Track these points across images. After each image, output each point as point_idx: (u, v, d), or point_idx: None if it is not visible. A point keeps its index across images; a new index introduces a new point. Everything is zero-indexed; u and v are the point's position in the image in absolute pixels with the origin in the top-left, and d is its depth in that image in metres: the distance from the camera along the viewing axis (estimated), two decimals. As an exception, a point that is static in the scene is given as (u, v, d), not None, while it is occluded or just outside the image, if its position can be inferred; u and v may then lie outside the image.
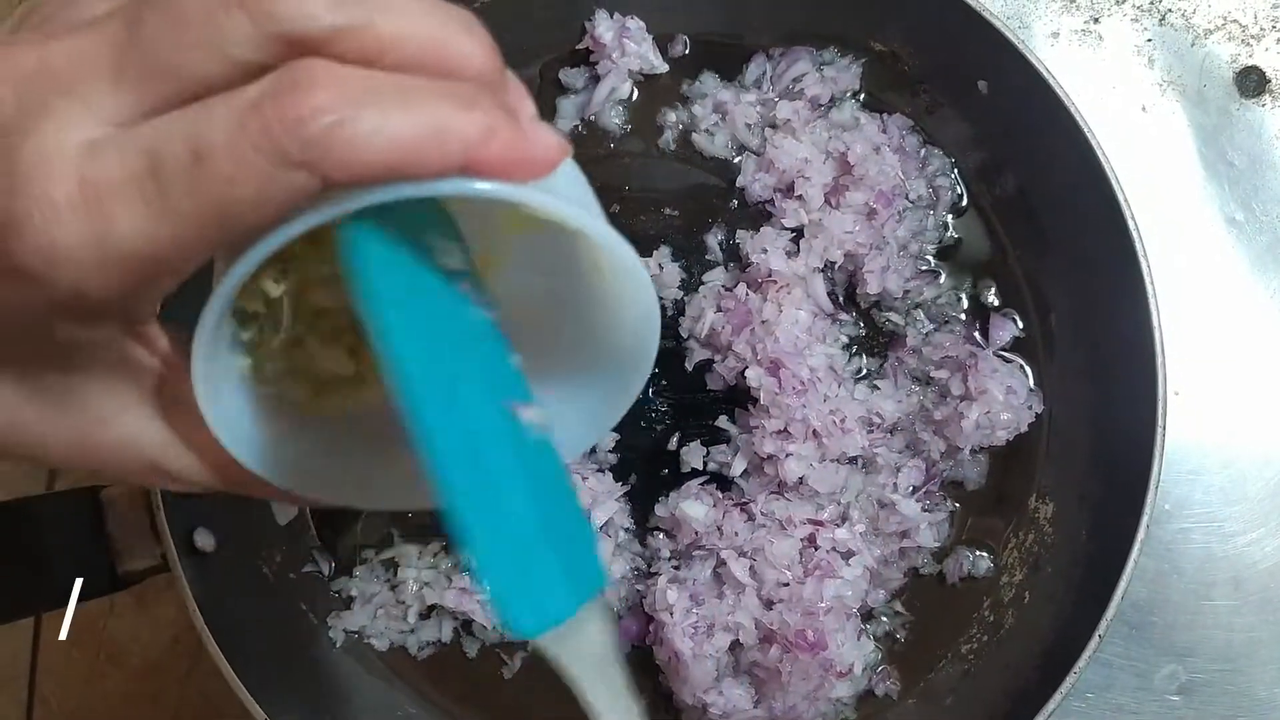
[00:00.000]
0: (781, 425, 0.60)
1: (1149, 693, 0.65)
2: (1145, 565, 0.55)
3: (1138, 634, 0.65)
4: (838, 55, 0.65)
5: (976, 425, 0.60)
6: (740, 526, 0.60)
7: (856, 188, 0.62)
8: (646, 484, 0.63)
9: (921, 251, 0.64)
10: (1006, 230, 0.64)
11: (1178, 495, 0.66)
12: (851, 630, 0.58)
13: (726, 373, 0.62)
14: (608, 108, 0.66)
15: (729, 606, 0.59)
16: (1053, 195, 0.62)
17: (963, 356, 0.61)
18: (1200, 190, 0.69)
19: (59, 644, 0.70)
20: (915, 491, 0.62)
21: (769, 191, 0.64)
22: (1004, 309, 0.64)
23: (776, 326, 0.60)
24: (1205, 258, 0.69)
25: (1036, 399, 0.62)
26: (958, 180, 0.65)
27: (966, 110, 0.64)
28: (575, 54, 0.67)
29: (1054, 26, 0.71)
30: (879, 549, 0.61)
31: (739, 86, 0.66)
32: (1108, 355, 0.60)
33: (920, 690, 0.61)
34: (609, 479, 0.62)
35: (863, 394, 0.62)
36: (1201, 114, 0.70)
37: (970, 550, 0.62)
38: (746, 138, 0.66)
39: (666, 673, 0.60)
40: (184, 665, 0.69)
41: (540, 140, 0.28)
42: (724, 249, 0.65)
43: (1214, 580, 0.66)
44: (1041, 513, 0.62)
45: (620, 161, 0.67)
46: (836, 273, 0.64)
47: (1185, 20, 0.71)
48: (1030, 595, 0.61)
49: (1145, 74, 0.71)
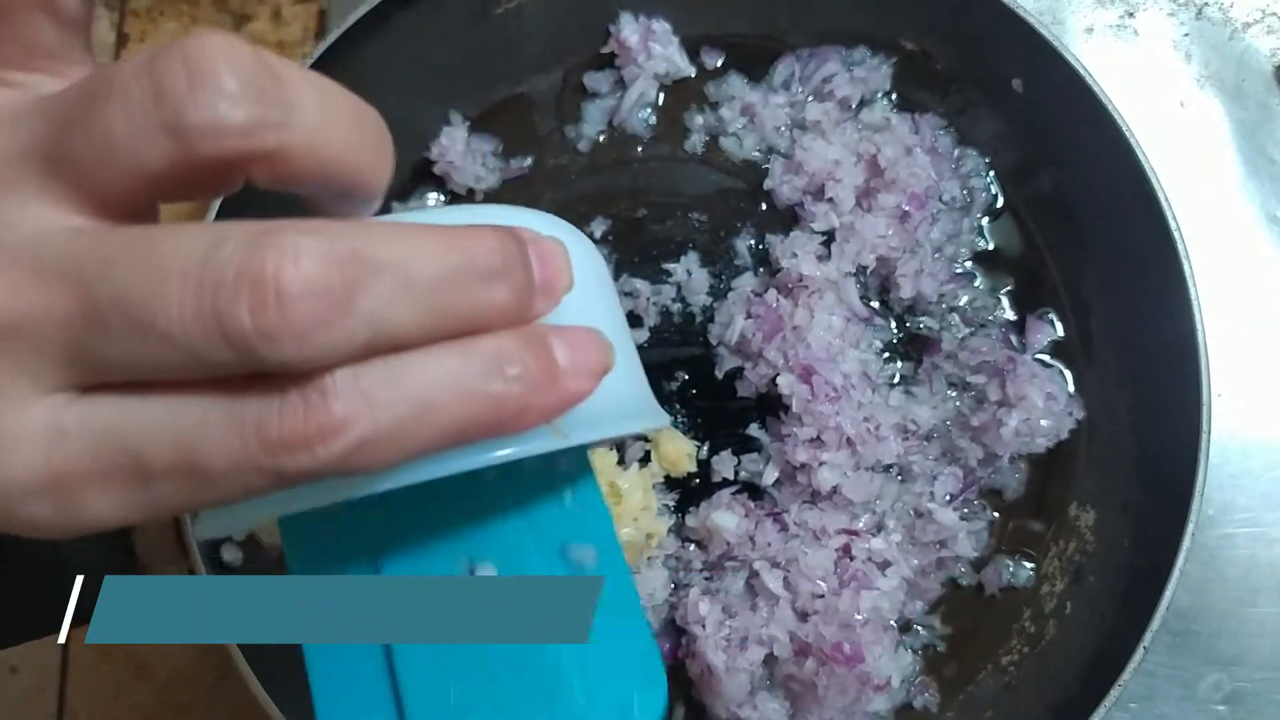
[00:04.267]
0: (814, 433, 0.59)
1: (1193, 703, 0.63)
2: (1189, 572, 0.54)
3: (1181, 642, 0.64)
4: (868, 55, 0.64)
5: (1016, 433, 0.58)
6: (773, 537, 0.59)
7: (888, 190, 0.61)
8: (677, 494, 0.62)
9: (956, 254, 0.63)
10: (1043, 231, 0.63)
11: (1221, 500, 0.65)
12: (889, 642, 0.57)
13: (757, 380, 0.61)
14: (634, 112, 0.65)
15: (762, 619, 0.58)
16: (1090, 194, 0.61)
17: (1000, 361, 0.60)
18: (1240, 187, 0.68)
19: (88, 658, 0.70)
20: (952, 500, 0.60)
21: (798, 194, 0.63)
22: (1042, 312, 0.62)
23: (808, 332, 0.59)
24: (1246, 256, 0.67)
25: (1077, 405, 0.60)
26: (992, 181, 0.64)
27: (1000, 109, 0.63)
28: (600, 57, 0.66)
29: (1088, 22, 0.70)
30: (916, 559, 0.59)
31: (767, 88, 0.65)
32: (1149, 358, 0.59)
33: (960, 703, 0.60)
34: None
35: (897, 400, 0.61)
36: (1240, 109, 0.69)
37: (1010, 560, 0.61)
38: (775, 140, 0.65)
39: (699, 687, 0.59)
40: (212, 677, 0.69)
41: (578, 371, 0.26)
42: (753, 254, 0.64)
43: (1259, 587, 0.64)
44: (1082, 520, 0.61)
45: (647, 166, 0.66)
46: (869, 277, 0.63)
47: (1223, 13, 0.69)
48: (1072, 605, 0.60)
49: (1183, 69, 0.69)
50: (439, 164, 0.64)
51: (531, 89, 0.67)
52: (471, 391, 0.24)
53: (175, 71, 0.22)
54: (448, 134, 0.65)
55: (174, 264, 0.22)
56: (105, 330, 0.23)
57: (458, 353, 0.24)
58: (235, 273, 0.22)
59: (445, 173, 0.65)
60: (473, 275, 0.24)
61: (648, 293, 0.63)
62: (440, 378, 0.24)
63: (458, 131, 0.65)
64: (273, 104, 0.23)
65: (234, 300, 0.22)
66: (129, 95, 0.23)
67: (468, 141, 0.65)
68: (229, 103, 0.22)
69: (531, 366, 0.25)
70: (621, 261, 0.64)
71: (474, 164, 0.65)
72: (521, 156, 0.66)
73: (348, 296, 0.22)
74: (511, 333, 0.25)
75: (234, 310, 0.22)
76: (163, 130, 0.22)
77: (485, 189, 0.65)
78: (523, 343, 0.25)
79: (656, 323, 0.64)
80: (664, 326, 0.64)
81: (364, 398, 0.23)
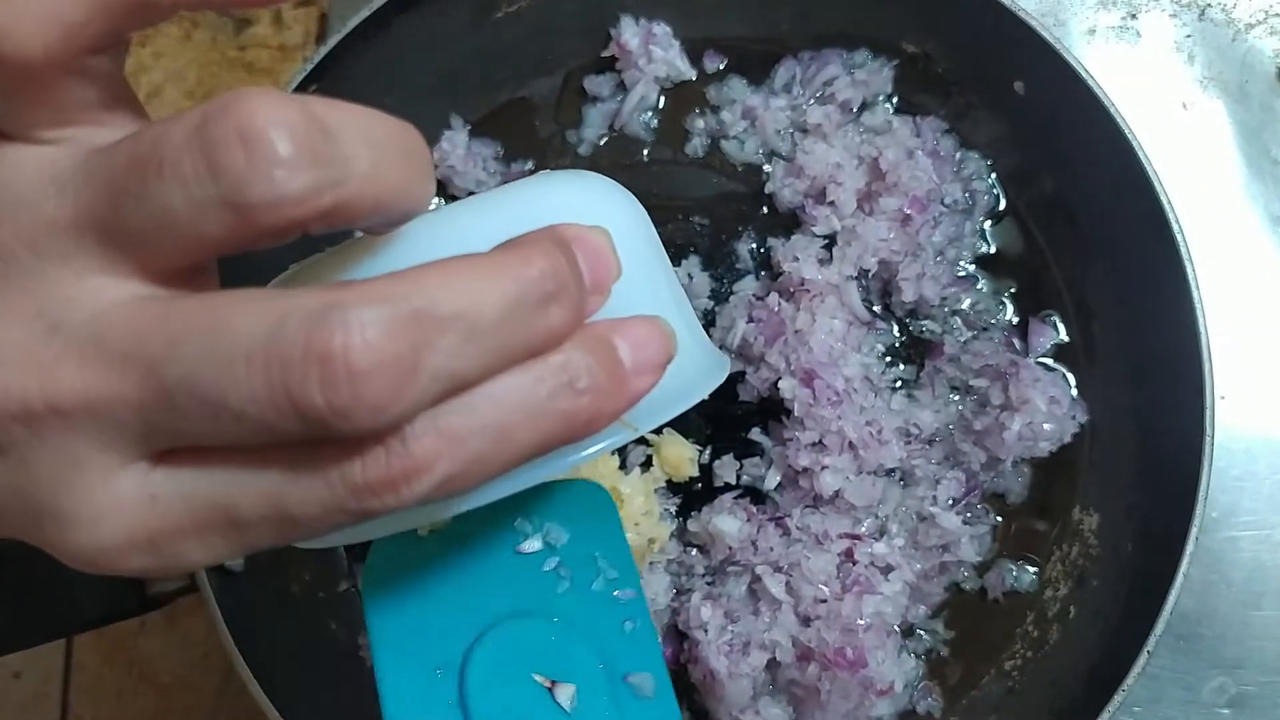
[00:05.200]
0: (816, 437, 0.59)
1: (1198, 706, 0.63)
2: (1192, 575, 0.54)
3: (1185, 646, 0.63)
4: (869, 58, 0.64)
5: (1019, 436, 0.58)
6: (775, 541, 0.59)
7: (890, 193, 0.61)
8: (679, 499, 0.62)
9: (958, 257, 0.63)
10: (1045, 234, 0.63)
11: (1225, 503, 0.64)
12: (892, 647, 0.57)
13: (759, 384, 0.61)
14: (635, 115, 0.65)
15: (765, 624, 0.58)
16: (1093, 197, 0.61)
17: (1003, 365, 0.60)
18: (1243, 189, 0.68)
19: (91, 662, 0.70)
20: (955, 504, 0.60)
21: (800, 198, 0.63)
22: (1044, 315, 0.62)
23: (810, 336, 0.59)
24: (1249, 257, 0.67)
25: (1080, 409, 0.60)
26: (994, 183, 0.64)
27: (1002, 111, 0.62)
28: (601, 61, 0.66)
29: (1090, 23, 0.69)
30: (919, 563, 0.59)
31: (768, 91, 0.65)
32: (1152, 360, 0.58)
33: (963, 708, 0.60)
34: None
35: (900, 404, 0.61)
36: (1243, 110, 0.68)
37: (1013, 564, 0.61)
38: (776, 143, 0.64)
39: (702, 691, 0.59)
40: (215, 682, 0.69)
41: (643, 368, 0.27)
42: (754, 257, 0.64)
43: (1264, 590, 0.64)
44: (1086, 524, 0.60)
45: (648, 169, 0.66)
46: (871, 280, 0.62)
47: (1226, 15, 0.69)
48: (1075, 610, 0.59)
49: (1185, 70, 0.69)
50: (440, 168, 0.64)
51: (532, 92, 0.67)
52: (545, 412, 0.25)
53: (230, 143, 0.22)
54: (449, 138, 0.64)
55: (239, 345, 0.22)
56: (178, 411, 0.23)
57: (527, 376, 0.25)
58: (303, 352, 0.22)
59: (446, 177, 0.64)
60: (531, 306, 0.25)
61: (649, 296, 0.63)
62: (513, 404, 0.25)
63: (458, 135, 0.65)
64: (327, 164, 0.23)
65: (304, 380, 0.22)
66: (182, 170, 0.23)
67: (468, 145, 0.65)
68: (286, 171, 0.22)
69: (599, 375, 0.26)
70: (623, 265, 0.64)
71: (475, 168, 0.65)
72: (522, 160, 0.66)
73: (416, 361, 0.23)
74: (574, 344, 0.26)
75: (305, 389, 0.22)
76: (222, 206, 0.23)
77: (486, 193, 0.65)
78: (587, 352, 0.26)
79: (658, 326, 0.63)
80: (666, 330, 0.64)
81: (442, 438, 0.24)
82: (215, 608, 0.55)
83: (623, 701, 0.38)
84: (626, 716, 0.38)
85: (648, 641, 0.39)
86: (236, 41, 0.76)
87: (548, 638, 0.39)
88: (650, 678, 0.39)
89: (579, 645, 0.39)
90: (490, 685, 0.37)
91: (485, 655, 0.37)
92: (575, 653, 0.38)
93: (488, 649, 0.38)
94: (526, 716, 0.37)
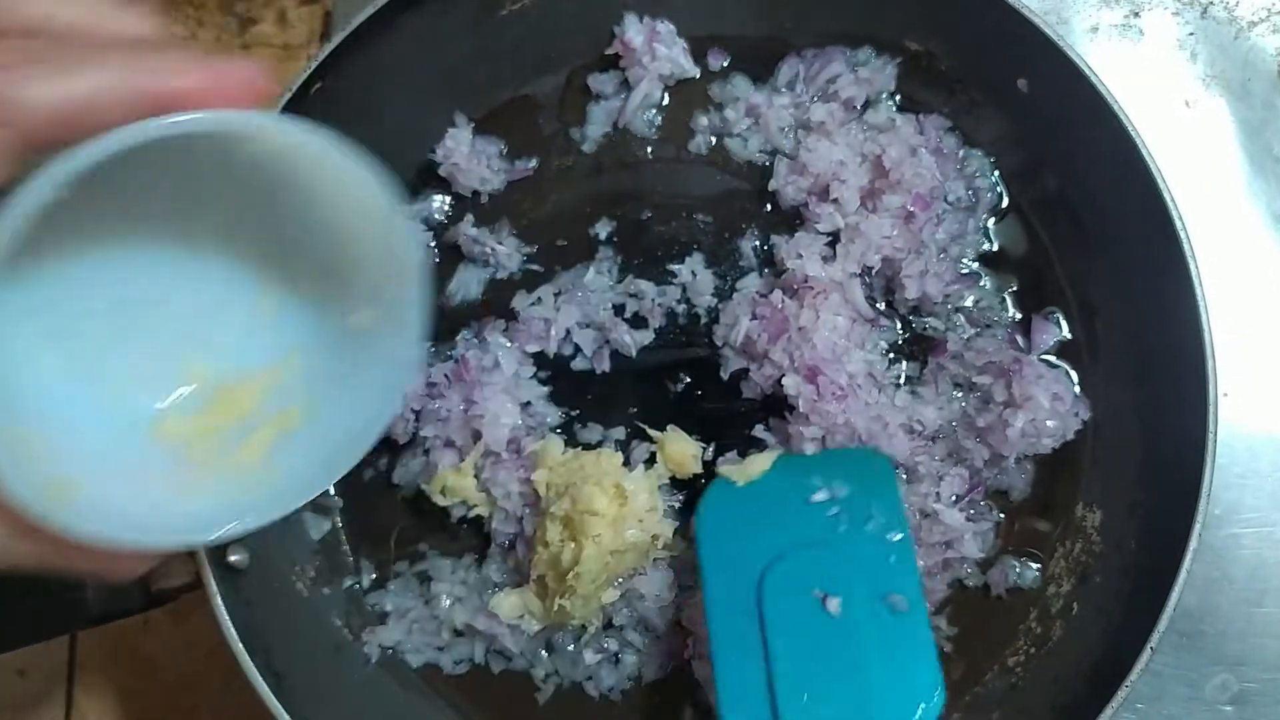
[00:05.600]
0: (820, 433, 0.59)
1: (1200, 703, 0.63)
2: (1195, 572, 0.54)
3: (1188, 643, 0.63)
4: (872, 55, 0.64)
5: (1022, 433, 0.58)
6: (779, 538, 0.59)
7: (893, 191, 0.61)
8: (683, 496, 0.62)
9: (961, 254, 0.63)
10: (1048, 232, 0.63)
11: (1228, 500, 0.65)
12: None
13: (763, 381, 0.61)
14: (639, 113, 0.65)
15: (769, 620, 0.58)
16: (1096, 194, 0.61)
17: (1006, 362, 0.60)
18: (1246, 186, 0.68)
19: (95, 659, 0.70)
20: (958, 501, 0.60)
21: (803, 195, 0.63)
22: (1047, 312, 0.62)
23: (814, 333, 0.59)
24: (1252, 255, 0.67)
25: (1083, 406, 0.60)
26: (997, 181, 0.64)
27: (1005, 109, 0.63)
28: (604, 59, 0.66)
29: (1093, 21, 0.69)
30: (922, 560, 0.59)
31: (772, 89, 0.65)
32: (1155, 358, 0.58)
33: (966, 704, 0.60)
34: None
35: (903, 401, 0.61)
36: (1246, 108, 0.68)
37: (1016, 560, 0.61)
38: (780, 141, 0.64)
39: (707, 689, 0.59)
40: (219, 678, 0.69)
41: (230, 68, 0.34)
42: (758, 254, 0.64)
43: (1266, 587, 0.64)
44: (1089, 521, 0.60)
45: (651, 167, 0.66)
46: (874, 277, 0.63)
47: (1228, 13, 0.69)
48: (1078, 606, 0.59)
49: (1188, 68, 0.69)
50: (444, 165, 0.64)
51: (536, 90, 0.67)
52: (122, 54, 0.34)
53: None
54: (453, 135, 0.65)
55: None
56: None
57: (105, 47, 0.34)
58: None
59: (450, 174, 0.65)
60: None
61: (653, 294, 0.63)
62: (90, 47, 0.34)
63: (462, 133, 0.65)
64: None
65: None
66: None
67: (473, 143, 0.65)
68: None
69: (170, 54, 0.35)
70: (626, 263, 0.64)
71: (479, 165, 0.65)
72: (526, 158, 0.66)
73: None
74: None
75: None
76: None
77: (490, 190, 0.65)
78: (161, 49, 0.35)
79: (662, 324, 0.63)
80: (669, 328, 0.64)
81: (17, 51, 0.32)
82: (219, 604, 0.55)
83: (880, 615, 0.52)
84: (881, 625, 0.52)
85: (908, 572, 0.53)
86: (241, 40, 0.76)
87: (826, 563, 0.53)
88: (904, 599, 0.53)
89: (850, 570, 0.53)
90: (779, 596, 0.53)
91: (777, 574, 0.53)
92: (846, 575, 0.53)
93: (779, 570, 0.53)
94: (802, 619, 0.52)
